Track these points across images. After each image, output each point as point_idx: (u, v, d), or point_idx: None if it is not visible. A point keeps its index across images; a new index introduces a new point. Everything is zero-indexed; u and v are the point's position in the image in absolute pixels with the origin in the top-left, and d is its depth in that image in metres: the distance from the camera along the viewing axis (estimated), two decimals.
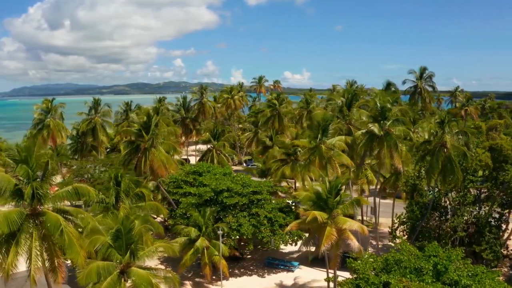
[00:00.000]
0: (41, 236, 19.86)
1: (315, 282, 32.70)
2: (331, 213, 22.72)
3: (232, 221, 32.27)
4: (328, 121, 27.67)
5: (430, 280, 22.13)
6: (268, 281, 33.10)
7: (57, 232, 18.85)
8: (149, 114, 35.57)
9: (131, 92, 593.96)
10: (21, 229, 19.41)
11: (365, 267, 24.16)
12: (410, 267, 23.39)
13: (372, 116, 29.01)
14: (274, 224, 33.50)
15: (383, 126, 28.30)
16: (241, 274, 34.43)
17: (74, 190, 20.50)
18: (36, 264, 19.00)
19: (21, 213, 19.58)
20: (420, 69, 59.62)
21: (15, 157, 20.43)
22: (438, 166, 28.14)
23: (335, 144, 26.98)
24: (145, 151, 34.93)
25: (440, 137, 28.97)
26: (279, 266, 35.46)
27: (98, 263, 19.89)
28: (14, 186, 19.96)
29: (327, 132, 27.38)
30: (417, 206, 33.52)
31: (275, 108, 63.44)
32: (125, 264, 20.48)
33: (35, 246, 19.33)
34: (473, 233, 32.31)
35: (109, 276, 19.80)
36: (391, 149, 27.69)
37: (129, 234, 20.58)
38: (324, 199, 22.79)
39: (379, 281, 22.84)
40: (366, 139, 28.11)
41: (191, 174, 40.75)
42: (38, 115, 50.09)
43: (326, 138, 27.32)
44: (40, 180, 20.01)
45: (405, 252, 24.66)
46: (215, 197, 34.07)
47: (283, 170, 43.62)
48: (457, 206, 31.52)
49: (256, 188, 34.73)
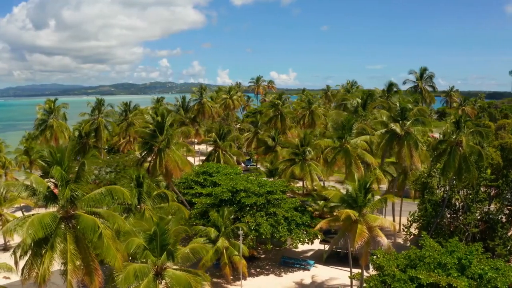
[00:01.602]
0: (75, 240, 19.52)
1: (332, 280, 33.07)
2: (361, 211, 23.04)
3: (250, 221, 32.33)
4: (352, 121, 28.03)
5: (456, 274, 22.64)
6: (286, 280, 33.27)
7: (95, 235, 18.49)
8: (163, 114, 35.30)
9: (117, 93, 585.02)
10: (55, 233, 19.02)
11: (389, 263, 24.61)
12: (433, 262, 23.88)
13: (392, 116, 29.54)
14: (291, 223, 33.73)
15: (403, 126, 28.85)
16: (258, 273, 34.50)
17: (107, 192, 20.16)
18: (73, 268, 18.64)
19: (54, 216, 19.19)
20: (421, 70, 60.94)
21: (46, 159, 20.01)
22: (454, 165, 28.86)
23: (358, 144, 27.37)
24: (159, 151, 34.64)
25: (456, 136, 29.72)
26: (294, 265, 35.67)
27: (135, 265, 19.70)
28: (47, 188, 19.57)
29: (351, 132, 27.74)
30: (429, 204, 34.26)
31: (278, 108, 63.69)
32: (160, 266, 20.35)
33: (70, 249, 18.96)
34: (484, 229, 33.23)
35: (145, 278, 19.65)
36: (411, 148, 28.27)
37: (164, 235, 20.44)
38: (354, 198, 23.09)
39: (406, 276, 23.26)
40: (386, 139, 28.60)
41: (201, 174, 40.63)
42: (41, 115, 48.99)
43: (350, 138, 27.68)
44: (74, 182, 19.65)
45: (428, 248, 25.17)
46: (231, 197, 34.05)
47: (293, 169, 43.85)
48: (470, 203, 32.36)
49: (271, 188, 34.89)
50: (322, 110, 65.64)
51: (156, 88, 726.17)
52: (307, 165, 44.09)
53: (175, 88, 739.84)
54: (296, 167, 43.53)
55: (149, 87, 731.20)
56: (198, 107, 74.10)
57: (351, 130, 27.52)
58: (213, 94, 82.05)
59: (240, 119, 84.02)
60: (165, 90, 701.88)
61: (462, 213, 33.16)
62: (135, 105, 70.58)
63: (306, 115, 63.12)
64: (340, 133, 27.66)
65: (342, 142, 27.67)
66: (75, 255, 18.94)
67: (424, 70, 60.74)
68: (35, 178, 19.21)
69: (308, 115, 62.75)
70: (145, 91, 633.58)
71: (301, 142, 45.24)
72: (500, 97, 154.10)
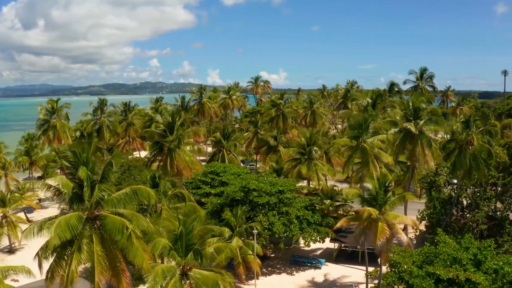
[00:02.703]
0: (100, 241, 19.33)
1: (345, 278, 33.35)
2: (381, 209, 23.34)
3: (263, 220, 32.43)
4: (369, 120, 28.36)
5: (472, 269, 23.08)
6: (298, 278, 33.45)
7: (123, 236, 18.31)
8: (173, 114, 35.18)
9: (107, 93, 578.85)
10: (81, 234, 18.81)
11: (405, 260, 24.97)
12: (449, 258, 24.29)
13: (405, 116, 29.98)
14: (302, 222, 33.93)
15: (416, 125, 29.31)
16: (270, 272, 34.59)
17: (132, 192, 20.00)
18: (101, 269, 18.46)
19: (80, 217, 18.96)
20: (421, 70, 61.82)
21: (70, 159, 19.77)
22: (466, 163, 29.40)
23: (374, 143, 27.73)
24: (170, 151, 34.49)
25: (466, 135, 30.30)
26: (306, 264, 35.86)
27: (162, 266, 19.61)
28: (72, 189, 19.35)
29: (367, 131, 28.08)
30: (438, 202, 34.80)
31: (279, 108, 63.90)
32: (185, 266, 20.29)
33: (96, 250, 18.77)
34: (491, 226, 33.89)
35: (173, 278, 19.58)
36: (423, 147, 28.72)
37: (189, 235, 20.39)
38: (374, 196, 23.37)
39: (423, 272, 23.60)
40: (400, 138, 29.03)
41: (208, 174, 40.57)
42: (44, 115, 48.29)
43: (367, 137, 28.00)
44: (99, 182, 19.47)
45: (444, 244, 25.58)
46: (243, 197, 34.08)
47: (299, 169, 44.11)
48: (478, 201, 32.99)
49: (282, 187, 35.03)
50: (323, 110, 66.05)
51: (146, 88, 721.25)
52: (313, 164, 44.41)
53: (165, 88, 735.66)
54: (302, 166, 43.78)
55: (139, 87, 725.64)
56: (198, 107, 73.89)
57: (368, 129, 27.89)
58: (212, 94, 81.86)
59: (239, 119, 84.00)
60: (156, 90, 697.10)
61: (470, 210, 33.76)
62: (135, 104, 70.17)
63: (308, 114, 63.44)
64: (357, 132, 27.96)
65: (359, 141, 27.99)
66: (102, 256, 18.75)
67: (424, 70, 61.67)
68: (61, 179, 18.97)
69: (310, 115, 63.10)
70: (135, 91, 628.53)
71: (307, 141, 45.54)
72: (491, 97, 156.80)
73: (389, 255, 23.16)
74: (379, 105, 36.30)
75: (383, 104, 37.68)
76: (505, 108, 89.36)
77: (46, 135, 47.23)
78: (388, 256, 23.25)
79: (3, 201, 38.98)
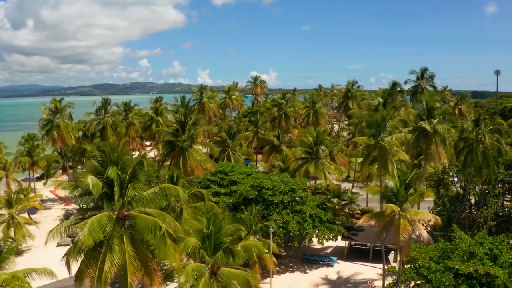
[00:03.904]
0: (131, 241, 19.17)
1: (358, 275, 33.70)
2: (402, 206, 23.68)
3: (278, 219, 32.56)
4: (387, 119, 28.74)
5: (489, 264, 23.56)
6: (312, 276, 33.67)
7: (156, 236, 18.13)
8: (186, 113, 35.03)
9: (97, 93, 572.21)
10: (112, 235, 18.60)
11: (422, 256, 25.36)
12: (465, 253, 24.73)
13: (419, 115, 30.47)
14: (315, 221, 34.17)
15: (430, 124, 29.79)
16: (283, 271, 34.73)
17: (161, 191, 19.86)
18: (133, 270, 18.30)
19: (110, 217, 18.76)
20: (421, 70, 62.71)
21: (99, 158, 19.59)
22: (478, 161, 29.99)
23: (391, 142, 28.09)
24: (182, 151, 34.35)
25: (476, 133, 30.93)
26: (318, 262, 36.12)
27: (192, 265, 19.54)
28: (102, 189, 19.15)
29: (385, 129, 28.46)
30: (447, 199, 35.41)
31: (281, 107, 64.12)
32: (214, 265, 20.28)
33: (128, 251, 18.60)
34: (499, 223, 34.62)
35: (202, 277, 19.55)
36: (437, 145, 29.22)
37: (217, 234, 20.39)
38: (395, 193, 23.70)
39: (442, 267, 23.99)
40: (415, 137, 29.51)
41: (217, 173, 40.51)
42: (47, 115, 47.57)
43: (384, 135, 28.38)
44: (129, 182, 19.31)
45: (460, 240, 26.05)
46: (256, 196, 34.14)
47: (307, 168, 44.37)
48: (488, 198, 33.68)
49: (295, 186, 35.22)
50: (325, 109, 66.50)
51: (136, 88, 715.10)
52: (320, 163, 44.74)
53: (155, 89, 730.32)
54: (310, 165, 44.05)
55: (129, 88, 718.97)
56: (198, 107, 73.64)
57: (386, 128, 28.27)
58: (212, 94, 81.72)
59: (238, 119, 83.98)
60: (146, 90, 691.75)
61: (480, 207, 34.43)
62: (135, 104, 69.62)
63: (310, 114, 63.81)
64: (374, 131, 28.32)
65: (377, 139, 28.37)
66: (133, 256, 18.59)
67: (424, 70, 62.59)
68: (92, 179, 18.72)
69: (312, 114, 63.48)
70: (125, 92, 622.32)
71: (314, 140, 45.84)
72: (481, 96, 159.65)
73: (409, 251, 23.49)
74: (389, 104, 36.82)
75: (394, 104, 38.22)
76: (499, 108, 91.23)
77: (50, 135, 46.52)
78: (408, 252, 23.58)
79: (9, 202, 38.35)
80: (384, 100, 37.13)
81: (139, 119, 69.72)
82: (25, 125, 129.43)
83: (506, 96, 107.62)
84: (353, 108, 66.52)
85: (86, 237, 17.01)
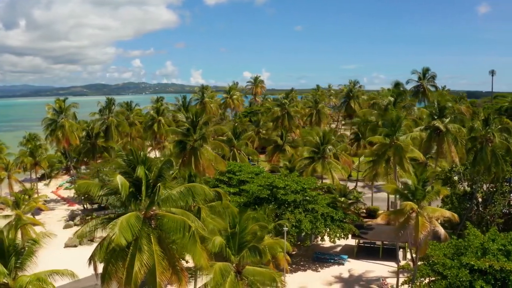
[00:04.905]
0: (157, 240, 19.11)
1: (369, 273, 34.01)
2: (419, 204, 24.00)
3: (291, 218, 32.72)
4: (401, 119, 29.07)
5: (503, 259, 23.98)
6: (324, 275, 33.88)
7: (184, 235, 18.09)
8: (197, 113, 35.00)
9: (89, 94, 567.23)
10: (140, 235, 18.51)
11: (436, 253, 25.72)
12: (479, 249, 25.14)
13: (431, 114, 30.88)
14: (326, 219, 34.40)
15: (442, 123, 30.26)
16: (295, 269, 34.89)
17: (187, 190, 19.80)
18: (162, 270, 18.25)
19: (137, 217, 18.65)
20: (423, 70, 63.47)
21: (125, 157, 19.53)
22: (487, 159, 30.52)
23: (406, 141, 28.43)
24: (194, 150, 34.29)
25: (486, 132, 31.47)
26: (329, 260, 36.35)
27: (219, 264, 19.58)
28: (129, 188, 19.07)
29: (400, 129, 28.78)
30: (455, 197, 35.91)
31: (284, 107, 64.34)
32: (239, 264, 20.34)
33: (156, 250, 18.51)
34: (507, 220, 35.24)
35: (229, 276, 19.60)
36: (449, 144, 29.67)
37: (242, 233, 20.45)
38: (412, 191, 24.01)
39: (458, 263, 24.35)
40: (428, 136, 29.91)
41: (226, 173, 40.53)
42: (51, 115, 47.07)
43: (399, 134, 28.70)
44: (156, 181, 19.25)
45: (474, 236, 26.46)
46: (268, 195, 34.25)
47: (315, 167, 44.64)
48: (496, 196, 34.25)
49: (306, 185, 35.43)
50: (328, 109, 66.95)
51: (129, 88, 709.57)
52: (327, 162, 45.05)
53: (148, 89, 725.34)
54: (318, 164, 44.33)
55: (122, 88, 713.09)
56: (199, 107, 73.50)
57: (401, 128, 28.61)
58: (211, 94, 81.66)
59: (239, 119, 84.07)
60: (139, 90, 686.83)
61: (487, 205, 34.98)
62: (136, 104, 69.27)
63: (314, 114, 64.14)
64: (389, 130, 28.63)
65: (392, 139, 28.68)
66: (161, 256, 18.53)
67: (426, 70, 63.34)
68: (120, 178, 18.63)
69: (315, 114, 63.80)
70: (118, 92, 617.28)
71: (321, 140, 46.13)
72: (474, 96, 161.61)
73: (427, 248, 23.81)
74: (399, 104, 37.26)
75: (403, 103, 38.69)
76: (495, 107, 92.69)
77: (55, 135, 46.04)
78: (425, 249, 23.92)
79: (17, 203, 37.89)
80: (394, 100, 37.55)
81: (139, 119, 69.39)
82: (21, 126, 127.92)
83: (500, 96, 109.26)
84: (355, 107, 67.00)
85: (118, 236, 16.88)
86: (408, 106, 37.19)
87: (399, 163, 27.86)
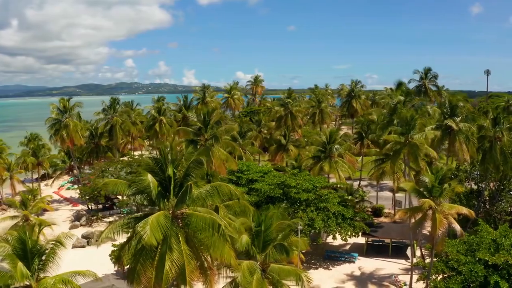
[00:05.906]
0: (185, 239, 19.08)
1: (380, 270, 34.34)
2: (436, 201, 24.34)
3: (303, 216, 32.89)
4: (415, 117, 29.44)
5: None
6: (336, 273, 34.12)
7: (213, 234, 18.08)
8: (208, 112, 34.97)
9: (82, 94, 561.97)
10: (169, 234, 18.46)
11: (450, 249, 26.11)
12: (492, 245, 25.55)
13: (443, 113, 31.31)
14: (338, 218, 34.65)
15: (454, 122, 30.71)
16: (307, 268, 35.00)
17: (213, 189, 19.81)
18: (191, 269, 18.22)
19: (166, 216, 18.60)
20: (425, 70, 64.18)
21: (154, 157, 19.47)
22: (497, 158, 31.04)
23: (420, 140, 28.80)
24: (205, 150, 34.23)
25: (495, 131, 32.01)
26: (339, 259, 36.61)
27: (246, 262, 19.65)
28: (157, 187, 19.02)
29: (415, 127, 29.15)
30: (463, 195, 36.43)
31: (287, 107, 64.52)
32: (264, 262, 20.43)
33: (184, 249, 18.47)
34: None
35: (254, 274, 19.68)
36: (461, 143, 30.11)
37: (267, 231, 20.55)
38: (430, 188, 24.33)
39: (472, 259, 24.72)
40: (440, 134, 30.32)
41: (234, 172, 40.55)
42: (56, 115, 46.60)
43: (414, 133, 29.06)
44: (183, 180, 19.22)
45: (486, 233, 26.88)
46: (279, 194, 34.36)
47: (321, 166, 44.85)
48: (503, 194, 34.85)
49: (317, 184, 35.63)
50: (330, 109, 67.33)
51: (122, 88, 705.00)
52: (334, 161, 45.31)
53: (141, 89, 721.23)
54: (325, 163, 44.51)
55: (115, 88, 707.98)
56: (201, 106, 73.33)
57: (415, 126, 28.99)
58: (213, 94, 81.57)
59: (239, 118, 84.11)
60: (131, 90, 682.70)
61: (494, 202, 35.55)
62: (137, 104, 68.97)
63: (317, 113, 64.43)
64: (404, 129, 28.99)
65: (407, 137, 29.04)
66: (190, 255, 18.52)
67: (428, 70, 64.08)
68: (151, 177, 18.57)
69: (318, 114, 64.09)
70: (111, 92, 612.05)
71: (327, 139, 46.36)
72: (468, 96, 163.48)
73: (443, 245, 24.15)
74: (407, 103, 37.72)
75: (413, 102, 39.16)
76: (491, 107, 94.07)
77: (59, 135, 45.58)
78: (442, 245, 24.25)
79: (24, 204, 37.44)
80: (403, 99, 38.01)
81: (140, 119, 69.12)
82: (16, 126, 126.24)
83: (495, 96, 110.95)
84: (357, 107, 67.46)
85: (149, 236, 16.83)
86: (418, 106, 37.73)
87: (414, 161, 28.20)
